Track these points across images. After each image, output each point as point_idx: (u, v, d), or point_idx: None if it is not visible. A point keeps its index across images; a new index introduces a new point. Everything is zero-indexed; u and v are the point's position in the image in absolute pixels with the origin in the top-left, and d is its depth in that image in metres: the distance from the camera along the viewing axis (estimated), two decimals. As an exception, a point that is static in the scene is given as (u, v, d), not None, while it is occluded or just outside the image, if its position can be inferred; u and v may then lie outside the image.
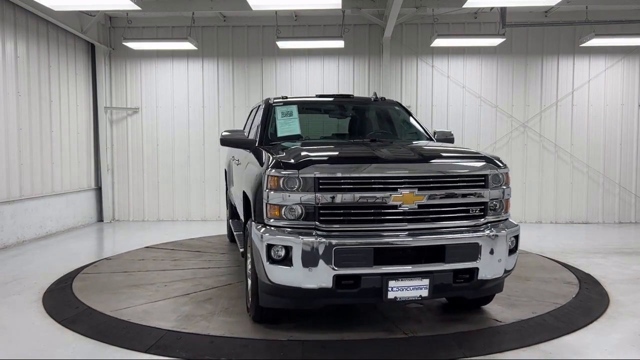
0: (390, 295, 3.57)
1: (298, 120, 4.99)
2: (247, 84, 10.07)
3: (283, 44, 9.23)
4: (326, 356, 3.62)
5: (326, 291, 3.54)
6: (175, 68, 10.11)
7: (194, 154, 10.16)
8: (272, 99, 5.37)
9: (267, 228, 3.68)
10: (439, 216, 3.72)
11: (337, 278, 3.52)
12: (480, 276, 3.72)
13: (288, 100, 5.35)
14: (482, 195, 3.82)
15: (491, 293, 4.29)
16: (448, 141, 5.23)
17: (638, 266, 6.27)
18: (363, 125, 5.55)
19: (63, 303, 4.79)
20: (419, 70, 9.94)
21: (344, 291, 3.57)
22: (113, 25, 10.06)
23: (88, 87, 9.92)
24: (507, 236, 3.83)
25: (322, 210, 3.58)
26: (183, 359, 3.57)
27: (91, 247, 7.99)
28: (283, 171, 3.63)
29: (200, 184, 10.15)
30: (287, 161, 3.71)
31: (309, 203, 3.57)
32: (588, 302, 4.79)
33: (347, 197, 3.58)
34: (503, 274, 3.89)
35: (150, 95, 10.16)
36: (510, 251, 3.87)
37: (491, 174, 3.87)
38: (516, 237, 3.96)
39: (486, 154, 4.06)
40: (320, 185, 3.57)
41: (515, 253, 3.97)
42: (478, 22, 9.78)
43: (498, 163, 3.97)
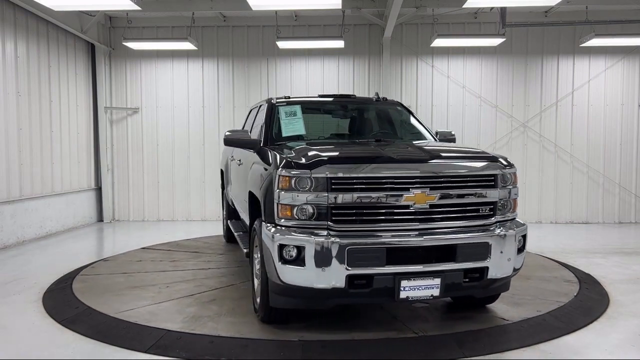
0: (402, 294, 3.59)
1: (302, 120, 4.99)
2: (247, 84, 10.07)
3: (283, 44, 9.22)
4: (326, 356, 3.62)
5: (339, 291, 3.55)
6: (175, 68, 10.11)
7: (194, 154, 10.17)
8: (275, 99, 5.36)
9: (278, 228, 3.68)
10: (450, 216, 3.75)
11: (350, 278, 3.52)
12: (490, 275, 3.76)
13: (291, 100, 5.35)
14: (492, 194, 3.85)
15: (498, 292, 4.33)
16: (449, 141, 5.27)
17: (638, 266, 6.27)
18: (366, 125, 5.55)
19: (63, 303, 4.79)
20: (419, 70, 9.94)
21: (357, 291, 3.58)
22: (113, 25, 10.06)
23: (88, 87, 9.93)
24: (516, 235, 3.87)
25: (335, 210, 3.58)
26: (183, 359, 3.57)
27: (91, 248, 7.99)
28: (295, 171, 3.62)
29: (200, 184, 10.15)
30: (299, 161, 3.70)
31: (321, 203, 3.57)
32: (588, 302, 4.79)
33: (360, 197, 3.59)
34: (512, 273, 3.93)
35: (150, 95, 10.16)
36: (518, 250, 3.91)
37: (500, 174, 3.91)
38: (524, 237, 4.00)
39: (494, 154, 4.10)
40: (332, 185, 3.58)
41: (523, 252, 4.01)
42: (478, 22, 9.78)
43: (506, 163, 4.01)
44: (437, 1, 8.96)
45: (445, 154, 4.04)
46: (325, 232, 3.56)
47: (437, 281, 3.62)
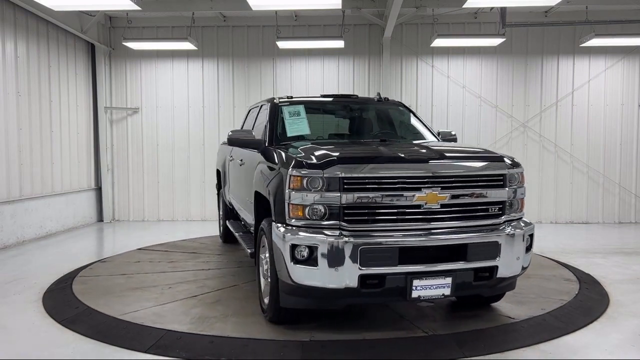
0: (414, 294, 3.61)
1: (306, 120, 4.99)
2: (247, 84, 10.07)
3: (283, 44, 9.23)
4: (326, 356, 3.62)
5: (351, 291, 3.56)
6: (175, 68, 10.11)
7: (194, 154, 10.16)
8: (278, 99, 5.36)
9: (290, 228, 3.67)
10: (460, 215, 3.77)
11: (362, 278, 3.53)
12: (499, 274, 3.80)
13: (294, 100, 5.35)
14: (501, 194, 3.89)
15: (505, 291, 4.36)
16: (451, 141, 5.32)
17: (638, 266, 6.27)
18: (369, 125, 5.56)
19: (63, 303, 4.79)
20: (419, 70, 9.94)
21: (369, 291, 3.59)
22: (113, 25, 10.06)
23: (88, 87, 9.93)
24: (525, 234, 3.90)
25: (347, 210, 3.59)
26: (183, 359, 3.57)
27: (91, 248, 7.99)
28: (306, 171, 3.62)
29: (200, 184, 10.15)
30: (310, 161, 3.70)
31: (333, 203, 3.57)
32: (588, 302, 4.79)
33: (372, 197, 3.60)
34: (520, 272, 3.97)
35: (150, 95, 10.16)
36: (526, 249, 3.95)
37: (509, 173, 3.94)
38: (531, 236, 4.03)
39: (501, 154, 4.14)
40: (345, 185, 3.58)
41: (530, 251, 4.05)
42: (478, 22, 9.78)
43: (515, 162, 4.05)
44: (437, 1, 8.96)
45: (454, 154, 4.05)
46: (337, 232, 3.57)
47: (448, 280, 3.65)
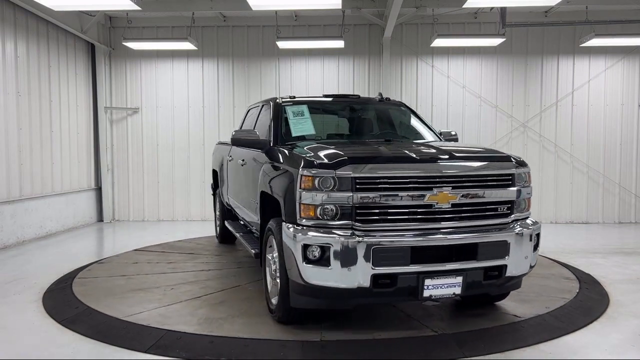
0: (425, 293, 3.62)
1: (310, 119, 4.98)
2: (247, 84, 10.07)
3: (283, 44, 9.23)
4: (326, 356, 3.62)
5: (364, 291, 3.56)
6: (175, 68, 10.11)
7: (194, 154, 10.16)
8: (281, 99, 5.35)
9: (301, 228, 3.67)
10: (471, 215, 3.79)
11: (375, 277, 3.54)
12: (508, 273, 3.83)
13: (297, 100, 5.35)
14: (510, 193, 3.92)
15: (512, 289, 4.39)
16: (453, 141, 5.33)
17: (638, 266, 6.27)
18: (373, 125, 5.56)
19: (63, 303, 4.79)
20: (419, 70, 9.94)
21: (381, 290, 3.60)
22: (113, 25, 10.06)
23: (88, 87, 9.93)
24: (532, 234, 3.94)
25: (359, 209, 3.59)
26: (183, 359, 3.57)
27: (91, 248, 7.99)
28: (318, 171, 3.62)
29: (200, 184, 10.15)
30: (322, 161, 3.70)
31: (345, 202, 3.57)
32: (588, 302, 4.79)
33: (385, 197, 3.61)
34: (528, 270, 4.00)
35: (150, 95, 10.16)
36: (533, 248, 3.98)
37: (517, 173, 3.97)
38: (538, 235, 4.05)
39: (508, 153, 4.16)
40: (357, 184, 3.59)
41: (537, 250, 4.07)
42: (478, 22, 9.78)
43: (521, 162, 4.08)
44: (437, 1, 8.96)
45: (463, 154, 4.06)
46: (348, 232, 3.57)
47: (459, 279, 3.67)
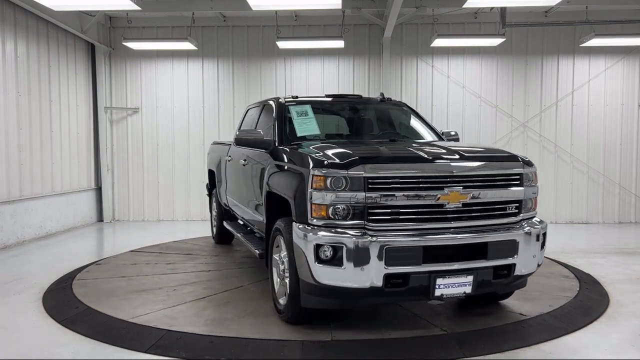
0: (437, 292, 3.64)
1: (315, 119, 4.98)
2: (247, 84, 10.08)
3: (283, 44, 9.23)
4: (326, 356, 3.62)
5: (376, 290, 3.57)
6: (175, 68, 10.11)
7: (194, 154, 10.16)
8: (284, 99, 5.34)
9: (312, 228, 3.67)
10: (481, 214, 3.82)
11: (387, 277, 3.55)
12: (516, 271, 3.86)
13: (300, 99, 5.35)
14: (519, 193, 3.95)
15: (518, 288, 4.41)
16: (454, 141, 5.35)
17: (638, 266, 6.27)
18: (376, 125, 5.56)
19: (63, 303, 4.79)
20: (419, 70, 9.94)
21: (393, 290, 3.61)
22: (113, 25, 10.06)
23: (88, 87, 9.93)
24: (540, 232, 3.98)
25: (371, 209, 3.60)
26: (183, 359, 3.57)
27: (91, 248, 7.99)
28: (330, 170, 3.62)
29: (200, 184, 10.13)
30: (334, 161, 3.71)
31: (358, 202, 3.58)
32: (588, 302, 4.79)
33: (397, 196, 3.62)
34: (535, 269, 4.03)
35: (150, 95, 10.16)
36: (541, 246, 4.02)
37: (524, 173, 4.00)
38: (544, 234, 4.08)
39: (516, 153, 4.19)
40: (369, 184, 3.59)
41: (544, 248, 4.10)
42: (478, 22, 9.78)
43: (528, 161, 4.11)
44: (437, 1, 8.96)
45: (472, 154, 4.08)
46: (360, 232, 3.57)
47: (470, 278, 3.69)
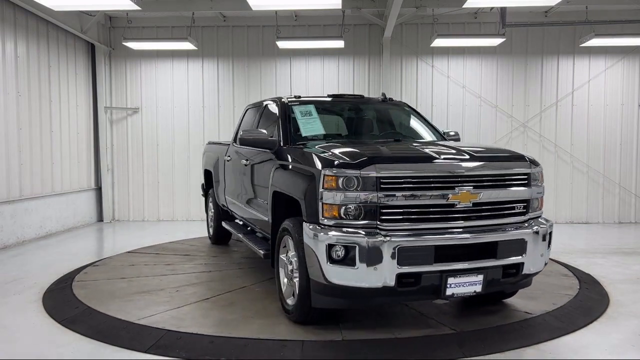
0: (448, 291, 3.66)
1: (319, 119, 4.98)
2: (247, 84, 10.07)
3: (283, 44, 9.23)
4: (326, 356, 3.62)
5: (388, 290, 3.58)
6: (175, 68, 10.11)
7: (194, 154, 10.16)
8: (287, 98, 5.34)
9: (323, 228, 3.67)
10: (490, 214, 3.84)
11: (399, 276, 3.56)
12: (525, 270, 3.90)
13: (303, 99, 5.34)
14: (526, 192, 3.98)
15: (524, 287, 4.43)
16: (456, 140, 5.37)
17: (638, 266, 6.27)
18: (378, 125, 5.56)
19: (63, 303, 4.79)
20: (419, 70, 9.94)
21: (405, 289, 3.63)
22: (113, 25, 10.06)
23: (88, 87, 9.93)
24: (547, 232, 4.02)
25: (384, 209, 3.60)
26: (183, 359, 3.57)
27: (91, 248, 7.99)
28: (342, 170, 3.63)
29: (200, 184, 10.12)
30: (345, 161, 3.71)
31: (370, 202, 3.58)
32: (588, 302, 4.79)
33: (409, 196, 3.63)
34: (542, 268, 4.07)
35: (150, 95, 10.16)
36: (547, 245, 4.06)
37: (532, 172, 4.03)
38: (551, 233, 4.12)
39: (522, 153, 4.23)
40: (382, 184, 3.60)
41: (550, 247, 4.14)
42: (478, 22, 9.78)
43: (535, 161, 4.14)
44: (437, 1, 8.96)
45: (482, 154, 4.10)
46: (372, 231, 3.58)
47: (480, 277, 3.72)
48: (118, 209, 10.29)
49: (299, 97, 5.41)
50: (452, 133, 5.54)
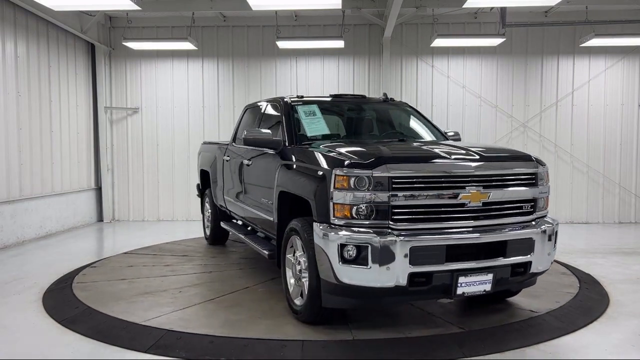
0: (459, 291, 3.68)
1: (323, 119, 4.99)
2: (247, 84, 10.07)
3: (283, 44, 9.23)
4: (326, 356, 3.62)
5: (400, 289, 3.59)
6: (175, 68, 10.11)
7: (194, 154, 10.11)
8: (289, 98, 5.33)
9: (334, 228, 3.67)
10: (499, 213, 3.87)
11: (411, 276, 3.57)
12: (532, 269, 3.94)
13: (306, 99, 5.35)
14: (534, 192, 4.03)
15: (529, 286, 4.47)
16: (457, 140, 5.40)
17: (638, 266, 6.27)
18: (380, 125, 5.57)
19: (63, 303, 4.78)
20: (419, 70, 9.94)
21: (416, 289, 3.64)
22: (113, 25, 10.06)
23: (88, 87, 9.93)
24: (553, 231, 4.06)
25: (395, 209, 3.61)
26: (183, 359, 3.57)
27: (91, 248, 7.99)
28: (353, 170, 3.63)
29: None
30: (357, 160, 3.72)
31: (381, 202, 3.59)
32: (588, 302, 4.80)
33: (420, 196, 3.64)
34: (549, 267, 4.12)
35: (150, 95, 10.16)
36: (554, 244, 4.11)
37: (538, 172, 4.07)
38: (556, 232, 4.17)
39: (529, 153, 4.27)
40: (394, 184, 3.61)
41: (556, 247, 4.19)
42: (478, 22, 9.78)
43: (540, 161, 4.19)
44: (437, 1, 8.96)
45: (490, 154, 4.13)
46: (384, 231, 3.58)
47: (490, 276, 3.74)
48: (118, 209, 10.29)
49: (302, 97, 5.41)
50: (452, 133, 5.55)
